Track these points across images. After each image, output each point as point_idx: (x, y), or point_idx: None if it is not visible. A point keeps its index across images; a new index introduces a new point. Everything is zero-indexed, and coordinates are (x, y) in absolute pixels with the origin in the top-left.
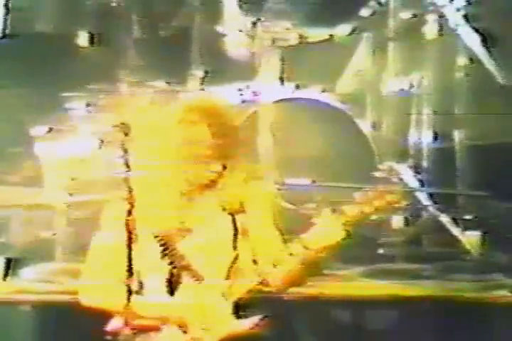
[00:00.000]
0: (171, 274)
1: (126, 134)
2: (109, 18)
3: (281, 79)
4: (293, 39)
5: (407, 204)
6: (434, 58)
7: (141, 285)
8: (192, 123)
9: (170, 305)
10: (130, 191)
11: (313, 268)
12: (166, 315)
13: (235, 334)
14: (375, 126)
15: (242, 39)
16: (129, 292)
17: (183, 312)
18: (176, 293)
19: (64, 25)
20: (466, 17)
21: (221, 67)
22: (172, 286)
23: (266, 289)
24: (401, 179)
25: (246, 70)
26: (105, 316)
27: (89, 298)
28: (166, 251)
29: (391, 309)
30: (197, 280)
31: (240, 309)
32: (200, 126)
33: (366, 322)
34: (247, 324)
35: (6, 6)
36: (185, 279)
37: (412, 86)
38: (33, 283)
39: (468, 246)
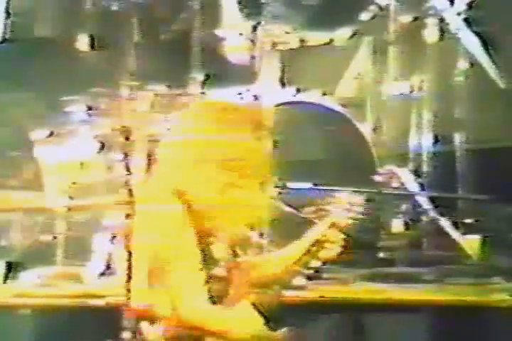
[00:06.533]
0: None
1: (126, 138)
2: (109, 22)
3: (282, 83)
4: (293, 43)
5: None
6: (435, 62)
7: None
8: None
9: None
10: (131, 194)
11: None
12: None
13: None
14: (376, 129)
15: (243, 43)
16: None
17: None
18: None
19: (64, 29)
20: (466, 21)
21: (221, 71)
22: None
23: None
24: (401, 183)
25: (246, 74)
26: (105, 318)
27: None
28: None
29: (391, 312)
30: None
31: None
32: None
33: (366, 325)
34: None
35: (6, 10)
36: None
37: (412, 89)
38: (33, 287)
39: (468, 250)
